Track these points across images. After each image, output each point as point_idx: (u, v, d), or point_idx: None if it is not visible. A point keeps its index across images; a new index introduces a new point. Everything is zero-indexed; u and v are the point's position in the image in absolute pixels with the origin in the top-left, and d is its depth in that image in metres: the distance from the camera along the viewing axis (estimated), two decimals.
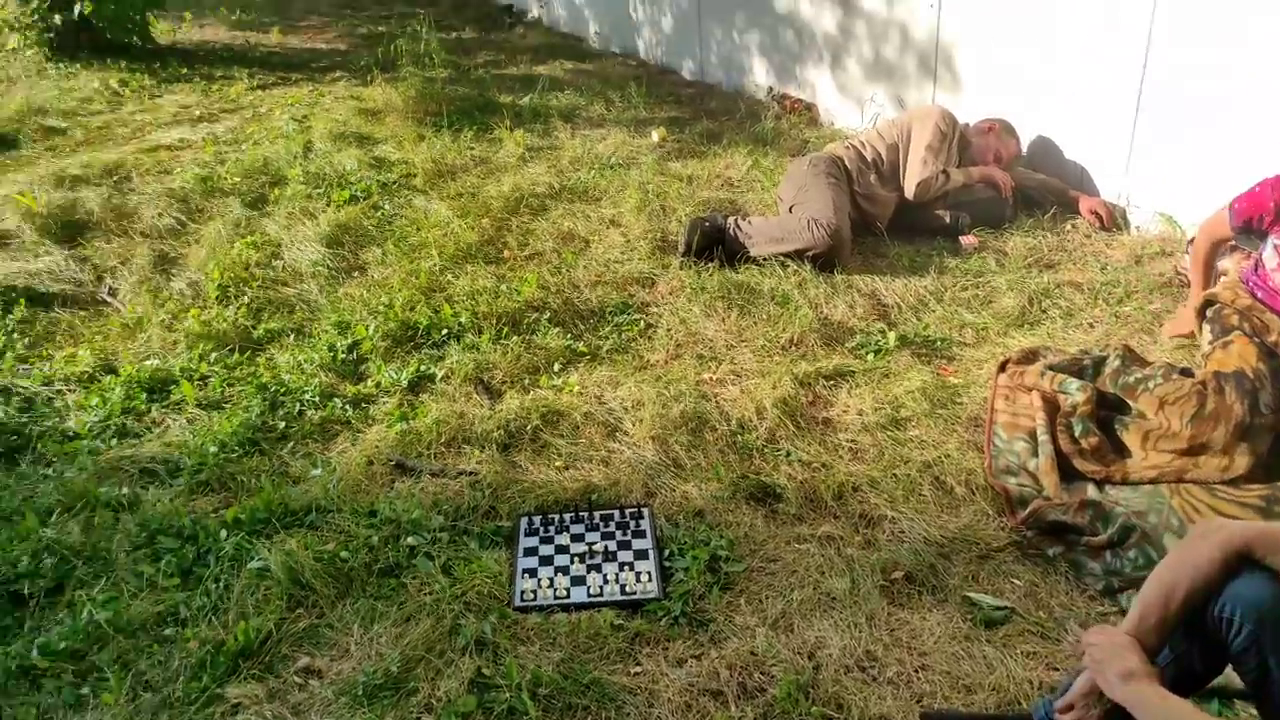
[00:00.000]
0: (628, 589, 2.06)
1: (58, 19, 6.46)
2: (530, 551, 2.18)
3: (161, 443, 2.53)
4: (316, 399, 2.76)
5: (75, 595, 2.01)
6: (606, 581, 2.08)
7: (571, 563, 2.14)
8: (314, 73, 6.62)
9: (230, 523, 2.20)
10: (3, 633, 1.94)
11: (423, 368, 2.94)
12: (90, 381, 2.85)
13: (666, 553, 2.17)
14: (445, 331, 3.15)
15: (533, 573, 2.10)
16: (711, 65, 5.92)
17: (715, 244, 3.57)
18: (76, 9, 6.32)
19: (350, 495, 2.34)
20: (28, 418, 2.67)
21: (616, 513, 2.30)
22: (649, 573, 2.10)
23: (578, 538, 2.23)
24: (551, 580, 2.09)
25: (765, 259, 3.50)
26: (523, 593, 2.05)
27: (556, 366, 3.00)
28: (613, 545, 2.19)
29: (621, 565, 2.13)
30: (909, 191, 3.72)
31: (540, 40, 7.51)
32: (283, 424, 2.65)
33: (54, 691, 1.78)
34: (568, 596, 2.05)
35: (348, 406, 2.75)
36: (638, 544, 2.19)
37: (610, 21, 6.98)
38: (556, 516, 2.29)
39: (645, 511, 2.30)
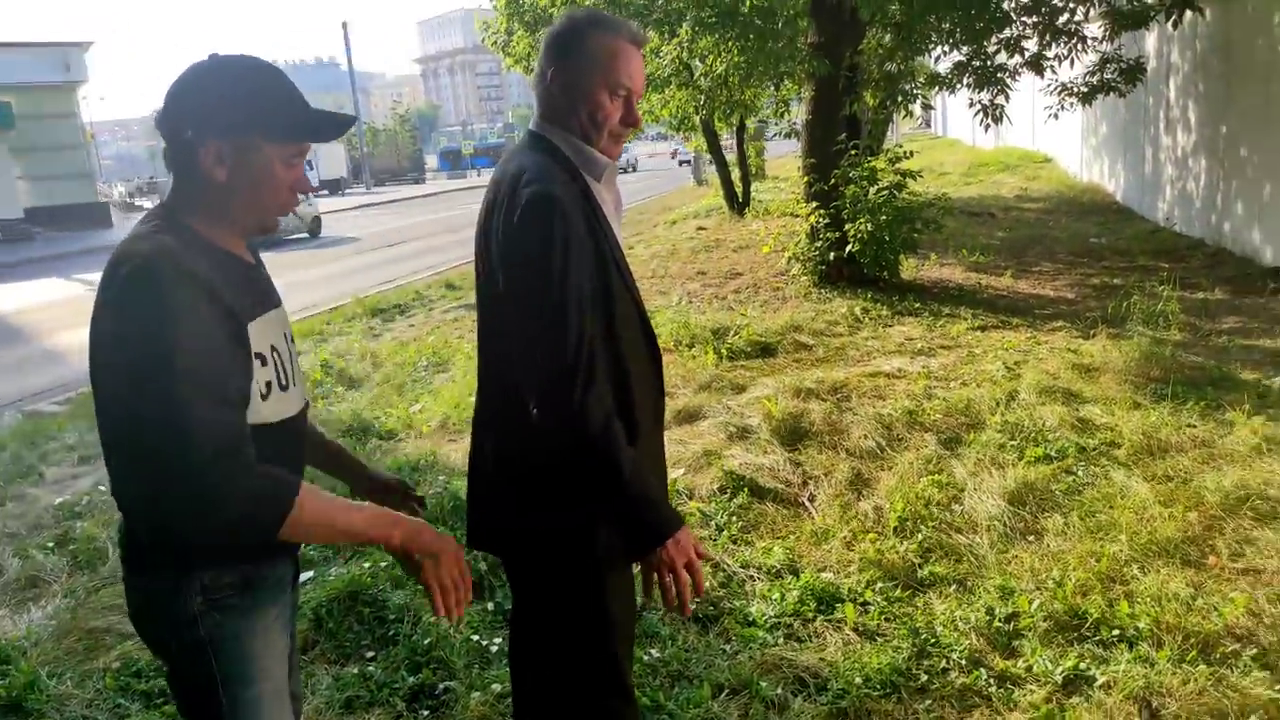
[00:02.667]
0: None
1: (831, 255, 7.90)
2: None
3: (818, 655, 2.80)
4: (963, 661, 2.75)
5: None
6: None
7: None
8: (1035, 319, 6.80)
9: None
10: None
11: (1082, 665, 2.71)
12: (776, 576, 3.31)
13: None
14: (1117, 632, 2.86)
15: None
16: None
17: None
18: (847, 249, 7.66)
19: None
20: (724, 592, 3.22)
21: None
22: None
23: None
24: None
25: None
26: None
27: None
28: None
29: None
30: None
31: None
32: (925, 676, 2.69)
33: None
34: None
35: (992, 681, 2.67)
36: None
37: None
38: None
39: None
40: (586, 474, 1.60)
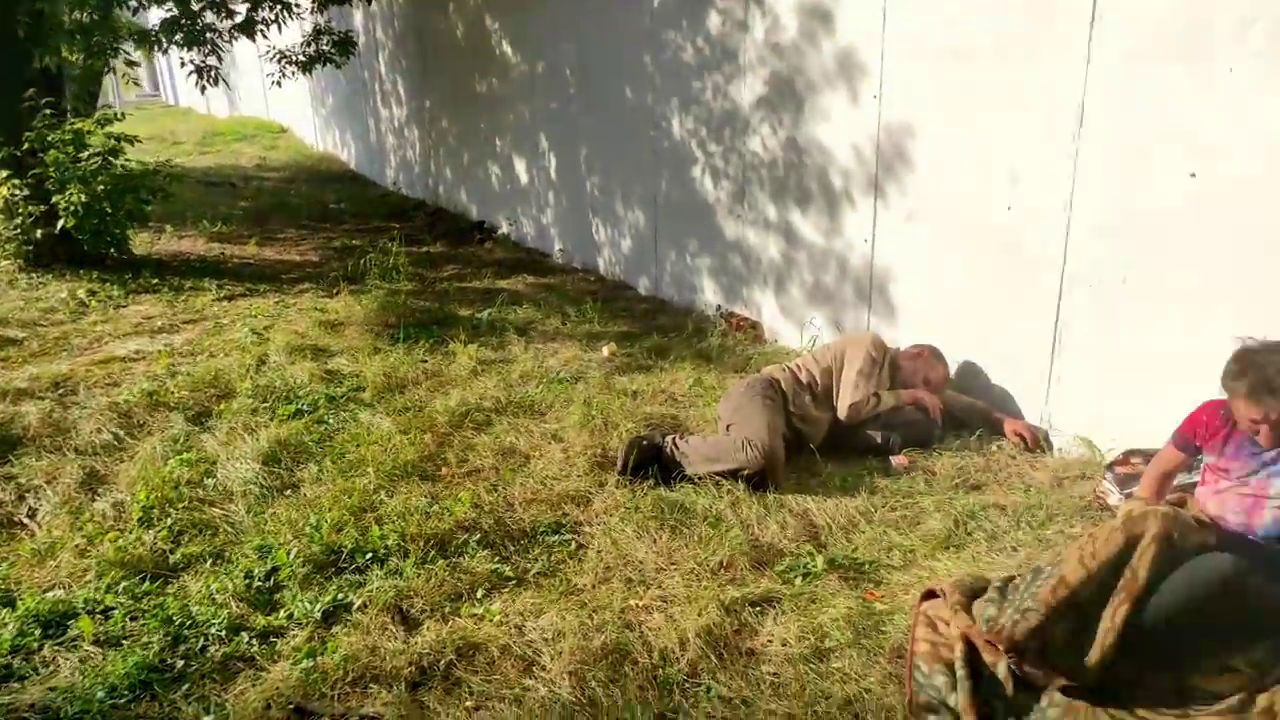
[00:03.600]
0: None
1: (38, 233, 6.74)
2: None
3: (46, 687, 2.40)
4: (223, 633, 2.65)
5: None
6: None
7: None
8: (282, 284, 6.86)
9: None
10: None
11: (340, 595, 2.86)
12: None
13: None
14: (370, 555, 3.09)
15: None
16: (665, 283, 6.21)
17: (652, 462, 3.60)
18: (59, 224, 6.62)
19: None
20: None
21: None
22: None
23: None
24: None
25: (700, 478, 3.52)
26: None
27: (480, 593, 2.92)
28: None
29: None
30: (841, 413, 3.82)
31: (506, 255, 7.88)
32: (181, 662, 2.53)
33: None
34: None
35: (255, 640, 2.64)
36: None
37: (573, 239, 7.37)
38: None
39: None
40: None
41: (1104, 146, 3.28)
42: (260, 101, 18.07)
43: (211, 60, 7.75)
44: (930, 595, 2.70)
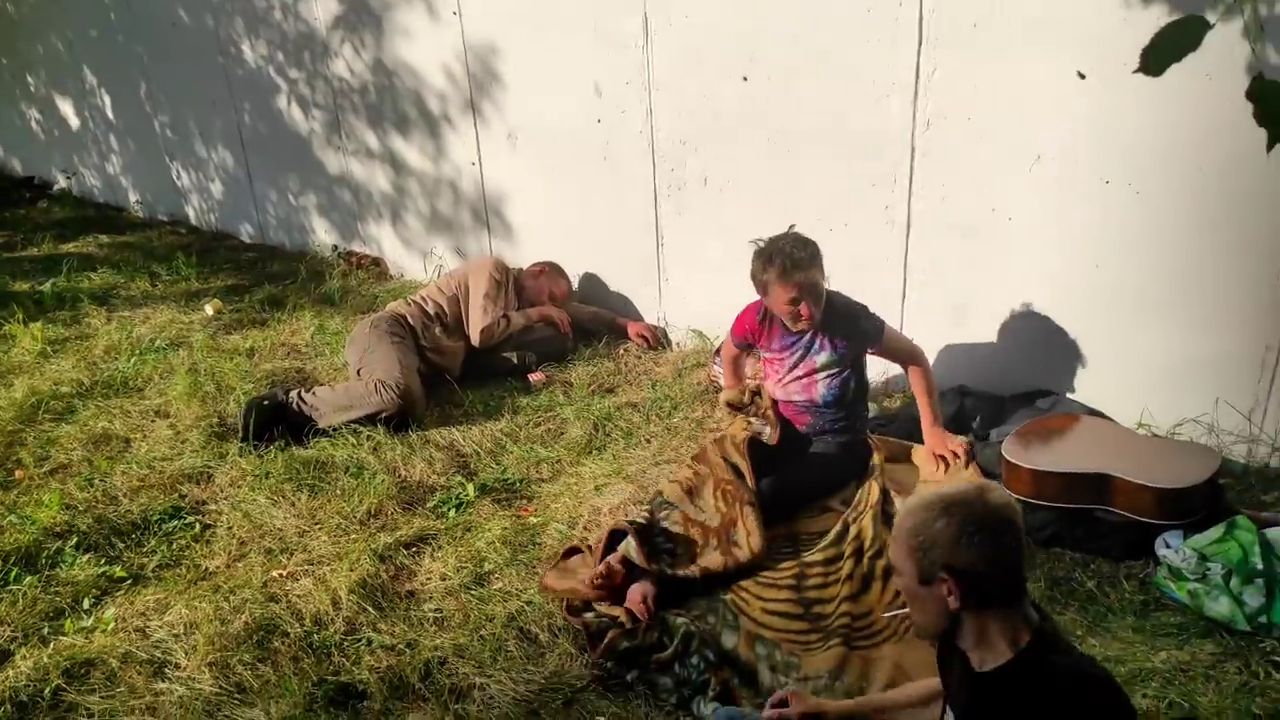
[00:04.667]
0: None
1: None
2: None
3: None
4: None
5: None
6: None
7: None
8: None
9: None
10: None
11: None
12: None
13: None
14: None
15: None
16: (271, 227, 5.69)
17: (277, 422, 3.33)
18: None
19: None
20: None
21: None
22: None
23: None
24: None
25: (336, 429, 3.33)
26: None
27: (87, 603, 2.55)
28: None
29: None
30: (474, 339, 3.80)
31: (69, 214, 6.72)
32: None
33: None
34: None
35: None
36: None
37: (152, 188, 6.45)
38: None
39: None
40: None
41: (669, 55, 3.48)
42: None
43: None
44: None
